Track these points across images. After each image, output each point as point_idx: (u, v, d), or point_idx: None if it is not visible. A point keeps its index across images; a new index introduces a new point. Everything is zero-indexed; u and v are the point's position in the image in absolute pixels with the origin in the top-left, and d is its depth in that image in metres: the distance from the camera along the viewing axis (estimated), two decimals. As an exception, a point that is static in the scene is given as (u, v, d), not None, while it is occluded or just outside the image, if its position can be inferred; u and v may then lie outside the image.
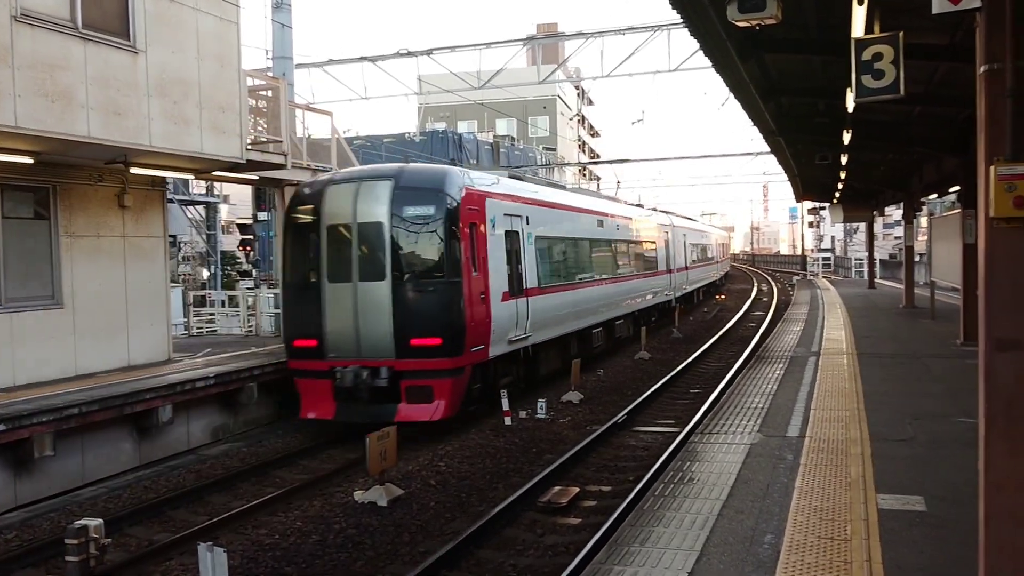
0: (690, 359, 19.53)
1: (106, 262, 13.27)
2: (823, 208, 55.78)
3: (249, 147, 13.86)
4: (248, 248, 26.58)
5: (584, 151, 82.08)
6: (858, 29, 7.48)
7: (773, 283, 54.49)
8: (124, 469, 11.40)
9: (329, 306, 12.33)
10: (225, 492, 10.43)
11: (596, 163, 75.55)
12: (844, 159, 18.52)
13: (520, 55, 29.73)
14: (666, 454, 10.72)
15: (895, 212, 45.90)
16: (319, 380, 12.38)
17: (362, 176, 13.15)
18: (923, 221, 35.55)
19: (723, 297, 43.27)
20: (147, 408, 11.42)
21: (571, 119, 73.49)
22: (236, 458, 12.08)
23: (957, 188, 17.87)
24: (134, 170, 12.76)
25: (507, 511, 8.80)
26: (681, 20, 9.53)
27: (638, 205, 31.00)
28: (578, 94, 74.81)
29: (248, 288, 24.27)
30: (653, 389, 15.62)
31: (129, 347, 13.65)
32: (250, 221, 25.60)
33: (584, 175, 79.47)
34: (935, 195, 27.26)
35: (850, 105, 10.45)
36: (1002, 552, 4.35)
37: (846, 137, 14.47)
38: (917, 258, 28.79)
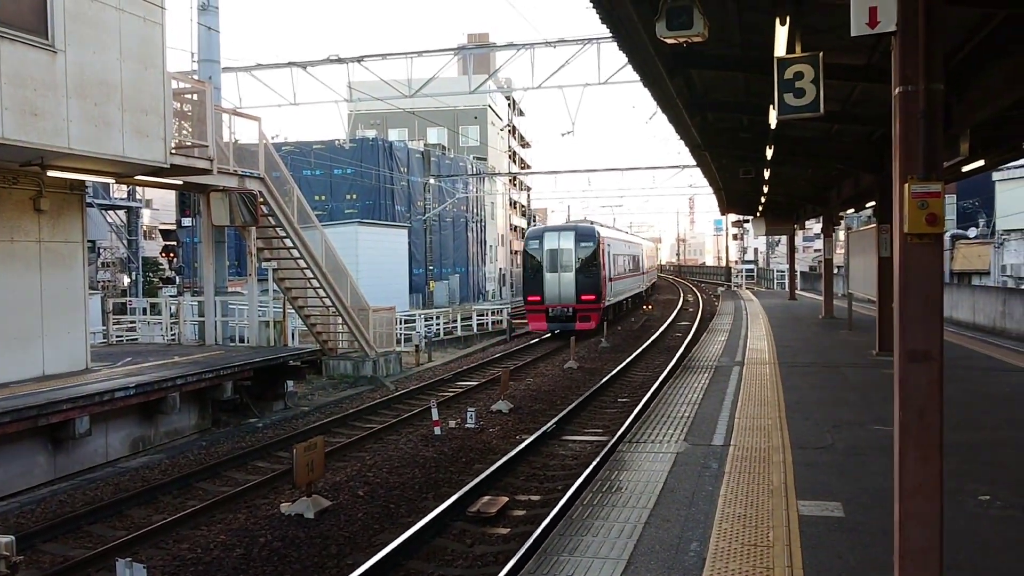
0: (618, 368, 19.77)
1: (20, 268, 12.78)
2: (747, 221, 57.45)
3: (173, 151, 13.53)
4: (171, 254, 25.94)
5: (514, 161, 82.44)
6: (780, 48, 7.70)
7: (699, 293, 55.55)
8: (38, 483, 10.98)
9: (546, 281, 28.09)
10: (145, 506, 10.14)
11: (526, 173, 75.95)
12: (767, 174, 18.99)
13: (451, 64, 29.79)
14: (594, 463, 10.82)
15: (815, 226, 47.54)
16: (540, 313, 28.27)
17: (560, 228, 30.02)
18: (841, 235, 36.72)
19: (650, 307, 43.92)
20: (63, 419, 11.02)
21: (502, 129, 73.73)
22: (157, 470, 11.76)
23: (873, 203, 18.50)
24: (51, 173, 12.33)
25: (436, 521, 8.76)
26: (611, 35, 9.65)
27: (625, 231, 50.85)
28: (509, 104, 75.14)
29: (171, 295, 23.69)
30: (582, 398, 15.76)
31: (44, 356, 13.16)
32: (174, 227, 24.94)
33: (514, 185, 79.81)
34: (852, 210, 28.24)
35: (773, 121, 10.75)
36: (916, 554, 4.51)
37: (769, 152, 14.86)
38: (835, 270, 29.69)
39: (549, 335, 29.53)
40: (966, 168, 13.95)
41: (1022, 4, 6.96)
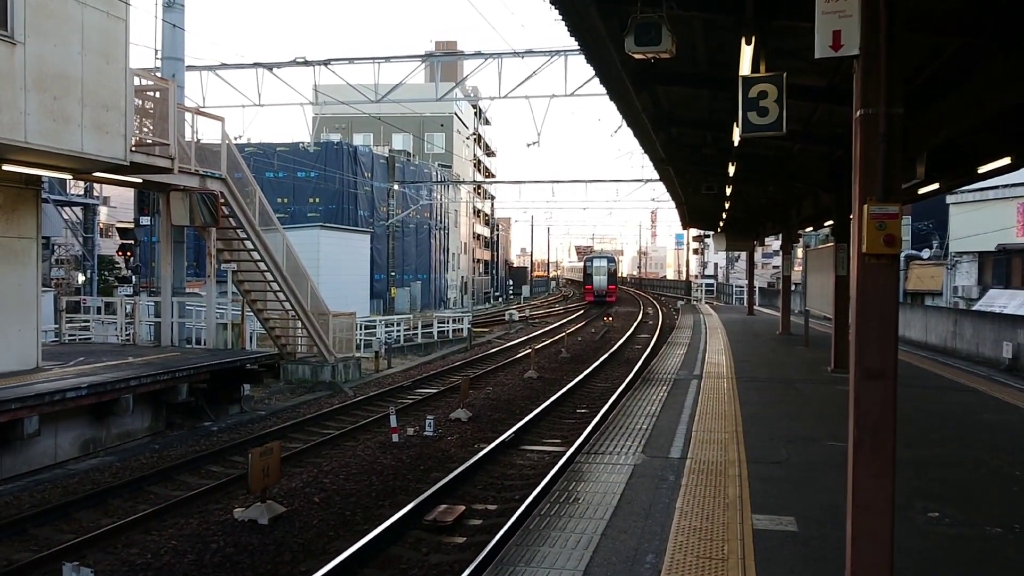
0: (577, 379, 19.83)
1: (-29, 263, 12.49)
2: (708, 236, 58.42)
3: (134, 149, 13.34)
4: (128, 253, 25.45)
5: (479, 170, 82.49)
6: (745, 67, 7.82)
7: (659, 307, 56.00)
8: (-18, 484, 10.71)
9: (594, 279, 62.96)
10: (95, 509, 9.94)
11: (491, 182, 76.04)
12: (729, 190, 19.22)
13: (418, 71, 29.73)
14: (552, 473, 10.84)
15: (774, 243, 48.28)
16: (591, 293, 62.90)
17: (600, 256, 68.04)
18: (799, 252, 37.24)
19: (611, 319, 44.15)
20: (11, 419, 10.76)
21: (467, 138, 73.76)
22: (108, 473, 11.54)
23: (831, 222, 18.80)
24: (6, 167, 12.09)
25: (392, 530, 8.71)
26: (579, 48, 9.72)
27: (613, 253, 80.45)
28: (475, 113, 75.21)
29: (127, 295, 23.29)
30: (541, 408, 15.78)
31: (-7, 354, 12.86)
32: (131, 225, 24.51)
33: (478, 194, 79.82)
34: (811, 228, 28.67)
35: (736, 139, 10.90)
36: (867, 570, 4.59)
37: (731, 169, 15.03)
38: (793, 287, 30.12)
39: (508, 344, 30.81)
40: (922, 191, 14.24)
41: (975, 34, 7.16)
